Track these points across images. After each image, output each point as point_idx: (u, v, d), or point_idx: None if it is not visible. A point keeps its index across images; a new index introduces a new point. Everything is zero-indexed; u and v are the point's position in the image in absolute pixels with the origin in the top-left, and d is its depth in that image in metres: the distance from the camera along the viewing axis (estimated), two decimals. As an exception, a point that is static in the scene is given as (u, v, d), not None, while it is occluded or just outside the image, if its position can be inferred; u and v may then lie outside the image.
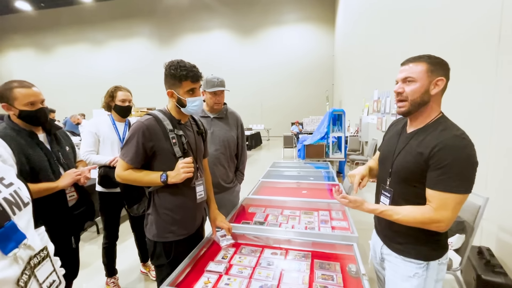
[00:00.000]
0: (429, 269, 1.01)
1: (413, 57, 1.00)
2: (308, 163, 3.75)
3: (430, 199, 0.94)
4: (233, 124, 1.96)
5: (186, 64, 1.20)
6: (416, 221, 0.95)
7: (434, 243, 1.01)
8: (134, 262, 2.43)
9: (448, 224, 0.92)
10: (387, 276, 1.12)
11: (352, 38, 8.16)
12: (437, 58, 0.97)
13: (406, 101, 0.99)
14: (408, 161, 1.00)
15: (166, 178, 1.18)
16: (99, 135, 1.96)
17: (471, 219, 1.64)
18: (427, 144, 0.94)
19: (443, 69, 0.96)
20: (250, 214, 1.80)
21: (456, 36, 2.42)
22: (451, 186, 0.89)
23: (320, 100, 13.16)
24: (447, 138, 0.91)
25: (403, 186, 1.03)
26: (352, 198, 1.08)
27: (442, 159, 0.90)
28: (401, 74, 1.00)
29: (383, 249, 1.15)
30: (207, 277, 1.13)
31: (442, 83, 0.95)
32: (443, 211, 0.90)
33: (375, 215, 1.11)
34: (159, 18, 15.03)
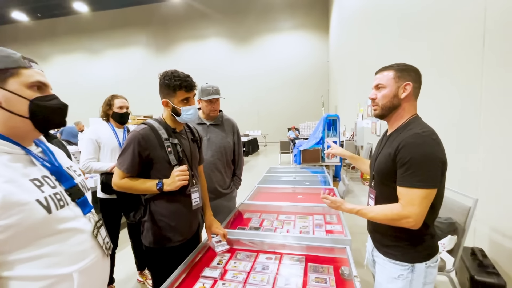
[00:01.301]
0: (415, 271, 1.02)
1: (384, 66, 1.10)
2: (304, 168, 3.78)
3: (399, 196, 0.99)
4: (229, 131, 1.99)
5: (180, 74, 1.23)
6: (387, 218, 1.00)
7: (418, 245, 1.03)
8: (131, 270, 2.42)
9: (416, 220, 0.94)
10: (376, 277, 1.16)
11: (346, 44, 8.31)
12: (405, 65, 1.06)
13: (378, 106, 1.09)
14: (381, 162, 1.06)
15: (161, 186, 1.21)
16: (100, 141, 1.99)
17: (462, 220, 1.68)
18: (394, 144, 1.01)
19: (410, 75, 1.04)
20: (246, 220, 1.81)
21: (444, 39, 2.50)
22: (414, 181, 0.93)
23: (316, 106, 13.29)
24: (408, 136, 0.97)
25: (382, 186, 1.09)
26: (332, 198, 1.16)
27: (403, 156, 0.95)
28: (374, 82, 1.10)
29: (374, 252, 1.19)
30: (202, 282, 1.14)
31: (409, 87, 1.03)
32: (410, 206, 0.94)
33: (370, 220, 1.14)
34: (155, 27, 15.19)
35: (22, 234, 0.61)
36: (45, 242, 0.66)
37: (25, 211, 0.62)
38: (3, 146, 0.66)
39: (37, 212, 0.64)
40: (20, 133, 0.71)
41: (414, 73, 1.05)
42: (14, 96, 0.67)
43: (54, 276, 0.66)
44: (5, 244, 0.60)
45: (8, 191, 0.60)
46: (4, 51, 0.69)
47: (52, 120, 0.75)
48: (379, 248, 1.14)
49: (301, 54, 13.95)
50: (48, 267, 0.66)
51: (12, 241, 0.61)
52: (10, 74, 0.67)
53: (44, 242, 0.65)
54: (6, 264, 0.61)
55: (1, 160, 0.65)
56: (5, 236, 0.59)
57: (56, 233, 0.68)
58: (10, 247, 0.61)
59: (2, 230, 0.59)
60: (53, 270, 0.66)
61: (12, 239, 0.60)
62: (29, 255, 0.63)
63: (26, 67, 0.70)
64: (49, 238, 0.66)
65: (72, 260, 0.70)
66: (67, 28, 16.10)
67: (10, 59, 0.68)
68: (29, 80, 0.70)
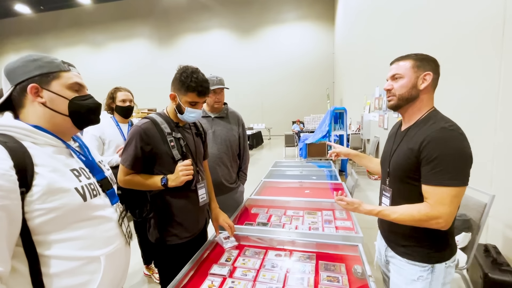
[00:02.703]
0: (435, 272, 0.98)
1: (400, 56, 1.03)
2: (310, 162, 3.73)
3: (426, 195, 0.93)
4: (234, 123, 1.94)
5: (198, 77, 1.18)
6: (414, 219, 0.93)
7: (440, 245, 0.98)
8: (138, 264, 2.42)
9: (447, 220, 0.89)
10: (391, 279, 1.10)
11: (353, 35, 8.12)
12: (424, 54, 0.99)
13: (395, 96, 1.02)
14: (401, 158, 1.00)
15: (166, 181, 1.18)
16: (104, 138, 1.95)
17: (477, 217, 1.62)
18: (417, 139, 0.94)
19: (430, 64, 0.97)
20: (253, 215, 1.78)
21: (459, 30, 2.39)
22: (443, 179, 0.87)
23: (321, 98, 13.13)
24: (434, 131, 0.90)
25: (400, 184, 1.02)
26: (349, 200, 1.08)
27: (431, 152, 0.89)
28: (390, 72, 1.03)
29: (387, 252, 1.13)
30: (211, 280, 1.12)
31: (429, 77, 0.96)
32: (440, 206, 0.88)
33: (394, 221, 1.06)
34: (158, 19, 15.03)
35: (61, 217, 0.69)
36: (79, 226, 0.74)
37: (65, 197, 0.70)
38: (48, 139, 0.75)
39: (75, 199, 0.72)
40: (62, 129, 0.79)
41: (434, 63, 0.98)
42: (57, 96, 0.76)
43: (85, 257, 0.74)
44: (48, 224, 0.68)
45: (53, 179, 0.69)
46: (47, 57, 0.78)
47: (87, 117, 0.83)
48: (394, 248, 1.08)
49: (306, 46, 13.71)
50: (81, 249, 0.73)
51: (53, 223, 0.68)
52: (53, 77, 0.76)
53: (78, 226, 0.73)
54: (47, 244, 0.69)
55: (47, 152, 0.73)
56: (48, 217, 0.67)
57: (89, 219, 0.76)
58: (51, 228, 0.69)
59: (46, 212, 0.67)
60: (85, 252, 0.74)
61: (53, 221, 0.68)
62: (65, 236, 0.71)
63: (65, 71, 0.79)
64: (83, 223, 0.75)
65: (100, 244, 0.78)
66: (70, 21, 16.02)
67: (53, 64, 0.77)
68: (68, 82, 0.79)
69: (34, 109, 0.75)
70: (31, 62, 0.74)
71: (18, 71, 0.74)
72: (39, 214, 0.66)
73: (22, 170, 0.64)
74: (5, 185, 0.60)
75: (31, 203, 0.65)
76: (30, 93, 0.73)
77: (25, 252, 0.66)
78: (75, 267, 0.72)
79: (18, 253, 0.65)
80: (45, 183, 0.67)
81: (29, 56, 0.76)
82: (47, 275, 0.68)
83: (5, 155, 0.63)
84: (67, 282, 0.70)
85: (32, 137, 0.72)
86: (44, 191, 0.66)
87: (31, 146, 0.70)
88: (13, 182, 0.62)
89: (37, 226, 0.66)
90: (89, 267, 0.74)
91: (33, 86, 0.73)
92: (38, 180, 0.66)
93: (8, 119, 0.72)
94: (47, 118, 0.76)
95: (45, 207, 0.66)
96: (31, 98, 0.74)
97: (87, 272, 0.74)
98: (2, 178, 0.60)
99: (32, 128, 0.72)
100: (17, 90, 0.74)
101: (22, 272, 0.65)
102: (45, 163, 0.70)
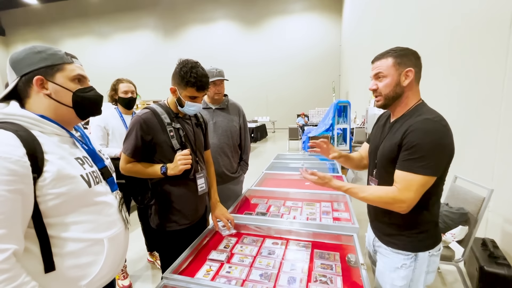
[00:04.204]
0: (418, 260, 1.01)
1: (380, 53, 1.04)
2: (313, 155, 3.74)
3: (396, 180, 0.96)
4: (235, 114, 1.97)
5: (197, 72, 1.20)
6: (380, 201, 0.97)
7: (422, 234, 1.01)
8: (142, 251, 2.50)
9: (409, 206, 0.93)
10: (377, 267, 1.14)
11: (360, 27, 7.96)
12: (403, 49, 0.99)
13: (381, 96, 1.03)
14: (386, 150, 1.02)
15: (165, 170, 1.22)
16: (108, 128, 2.00)
17: (475, 210, 1.63)
18: (401, 130, 0.96)
19: (410, 60, 0.98)
20: (253, 205, 1.82)
21: (467, 21, 2.34)
22: (414, 166, 0.90)
23: (327, 92, 12.98)
24: (418, 121, 0.93)
25: (385, 175, 1.04)
26: (320, 174, 1.12)
27: (411, 140, 0.92)
28: (373, 72, 1.04)
29: (375, 241, 1.16)
30: (209, 265, 1.17)
31: (411, 74, 0.97)
32: (406, 191, 0.91)
33: (361, 200, 1.07)
34: (163, 10, 14.91)
35: (69, 201, 0.74)
36: (85, 211, 0.79)
37: (73, 183, 0.75)
38: (54, 129, 0.79)
39: (81, 185, 0.77)
40: (65, 120, 0.83)
41: (414, 57, 0.99)
42: (61, 88, 0.79)
43: (90, 239, 0.79)
44: (57, 208, 0.73)
45: (61, 166, 0.74)
46: (51, 49, 0.80)
47: (90, 109, 0.87)
48: (380, 237, 1.11)
49: (312, 38, 13.49)
50: (86, 232, 0.78)
51: (62, 207, 0.73)
52: (57, 70, 0.79)
53: (84, 211, 0.78)
54: (57, 226, 0.73)
55: (54, 141, 0.77)
56: (57, 201, 0.72)
57: (93, 204, 0.81)
58: (60, 211, 0.74)
59: (56, 197, 0.72)
60: (90, 235, 0.79)
61: (62, 205, 0.73)
62: (73, 219, 0.76)
63: (69, 63, 0.82)
64: (88, 208, 0.80)
65: (104, 228, 0.83)
66: (76, 11, 16.01)
67: (57, 56, 0.79)
68: (71, 74, 0.81)
69: (39, 100, 0.78)
70: (35, 54, 0.77)
71: (23, 63, 0.76)
72: (50, 198, 0.70)
73: (33, 157, 0.68)
74: (20, 170, 0.65)
75: (43, 188, 0.69)
76: (35, 85, 0.76)
77: (36, 233, 0.70)
78: (82, 248, 0.77)
79: (30, 235, 0.70)
80: (55, 170, 0.71)
81: (33, 47, 0.78)
82: (57, 255, 0.73)
83: (18, 143, 0.67)
84: (74, 262, 0.75)
85: (40, 126, 0.75)
86: (54, 177, 0.70)
87: (39, 134, 0.74)
88: (26, 168, 0.66)
89: (48, 209, 0.71)
90: (94, 249, 0.80)
91: (38, 78, 0.76)
92: (48, 166, 0.71)
93: (16, 108, 0.75)
94: (52, 109, 0.79)
95: (55, 192, 0.71)
96: (36, 89, 0.77)
97: (92, 253, 0.79)
98: (17, 164, 0.64)
99: (39, 118, 0.75)
100: (22, 81, 0.76)
101: (34, 252, 0.70)
102: (53, 151, 0.74)
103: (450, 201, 1.79)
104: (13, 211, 0.64)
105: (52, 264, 0.72)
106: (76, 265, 0.76)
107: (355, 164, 1.35)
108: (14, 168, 0.64)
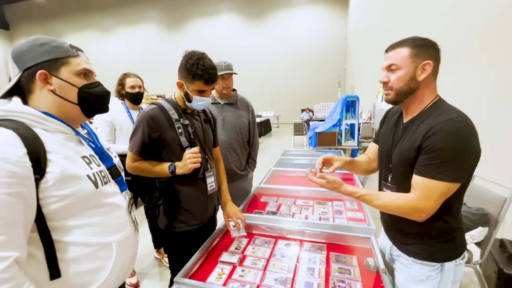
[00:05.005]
0: (444, 270, 0.92)
1: (396, 42, 0.92)
2: (320, 151, 3.67)
3: (414, 186, 0.87)
4: (244, 110, 1.91)
5: (205, 63, 1.13)
6: (398, 210, 0.89)
7: (449, 243, 0.93)
8: (148, 248, 2.48)
9: (428, 215, 0.85)
10: (397, 278, 1.05)
11: (368, 19, 7.77)
12: (422, 39, 0.89)
13: (392, 90, 0.92)
14: (404, 154, 0.92)
15: (174, 168, 1.17)
16: (115, 124, 1.96)
17: (496, 211, 1.56)
18: (421, 131, 0.87)
19: (429, 51, 0.87)
20: (262, 204, 1.77)
21: (484, 11, 2.23)
22: (435, 172, 0.81)
23: (332, 86, 12.81)
24: (440, 122, 0.82)
25: (405, 181, 0.93)
26: (330, 178, 0.99)
27: (433, 144, 0.82)
28: (386, 62, 0.93)
29: (393, 250, 1.08)
30: (221, 268, 1.12)
31: (429, 67, 0.87)
32: (427, 200, 0.83)
33: (376, 208, 0.98)
34: (166, 3, 14.74)
35: (75, 204, 0.70)
36: (92, 213, 0.74)
37: (78, 184, 0.70)
38: (59, 126, 0.74)
39: (88, 186, 0.73)
40: (71, 117, 0.78)
41: (433, 49, 0.88)
42: (66, 84, 0.74)
43: (98, 244, 0.74)
44: (62, 211, 0.68)
45: (65, 166, 0.69)
46: (55, 41, 0.74)
47: (96, 106, 0.81)
48: (400, 247, 1.02)
49: (318, 31, 13.26)
50: (94, 236, 0.74)
51: (67, 209, 0.69)
52: (61, 63, 0.73)
53: (91, 213, 0.74)
54: (62, 230, 0.69)
55: (58, 139, 0.72)
56: (62, 204, 0.67)
57: (100, 206, 0.77)
58: (65, 214, 0.69)
59: (60, 199, 0.67)
60: (98, 239, 0.75)
61: (67, 207, 0.69)
62: (79, 223, 0.71)
63: (74, 56, 0.76)
64: (95, 210, 0.75)
65: (112, 231, 0.79)
66: (79, 5, 15.91)
67: (61, 49, 0.73)
68: (77, 68, 0.75)
69: (43, 96, 0.73)
70: (38, 46, 0.71)
71: (26, 56, 0.71)
72: (54, 200, 0.66)
73: (35, 157, 0.63)
74: (20, 172, 0.60)
75: (45, 190, 0.65)
76: (39, 80, 0.71)
77: (40, 238, 0.66)
78: (89, 253, 0.72)
79: (34, 239, 0.66)
80: (58, 170, 0.67)
81: (36, 39, 0.72)
82: (62, 261, 0.69)
83: (18, 142, 0.62)
84: (81, 268, 0.71)
85: (43, 124, 0.70)
86: (57, 178, 0.66)
87: (42, 133, 0.69)
88: (27, 169, 0.61)
89: (51, 213, 0.67)
90: (102, 253, 0.75)
91: (41, 73, 0.70)
92: (51, 167, 0.66)
93: (17, 105, 0.70)
94: (56, 105, 0.74)
95: (59, 194, 0.67)
96: (40, 84, 0.71)
97: (100, 258, 0.75)
98: (17, 165, 0.60)
99: (42, 115, 0.70)
100: (25, 75, 0.71)
101: (38, 258, 0.66)
102: (57, 150, 0.69)
103: (469, 201, 1.72)
104: (13, 216, 0.59)
105: (57, 270, 0.67)
106: (83, 271, 0.71)
107: (362, 168, 1.24)
108: (13, 170, 0.59)
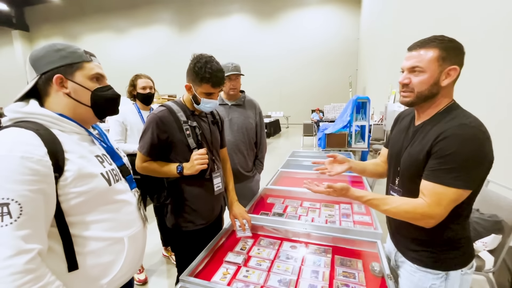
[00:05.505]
0: (449, 279, 0.89)
1: (422, 40, 0.85)
2: (329, 152, 3.64)
3: (423, 191, 0.84)
4: (251, 111, 1.92)
5: (212, 67, 1.15)
6: (407, 216, 0.87)
7: (455, 250, 0.90)
8: (157, 246, 2.53)
9: (437, 221, 0.83)
10: (401, 285, 1.03)
11: (381, 19, 7.63)
12: (451, 40, 0.83)
13: (412, 92, 0.88)
14: (414, 157, 0.89)
15: (181, 169, 1.20)
16: (126, 124, 2.02)
17: (510, 218, 1.51)
18: (432, 135, 0.84)
19: (457, 56, 0.83)
20: (269, 205, 1.78)
21: (503, 7, 2.15)
22: (446, 178, 0.79)
23: (343, 87, 12.66)
24: (453, 126, 0.80)
25: (411, 185, 0.91)
26: (338, 186, 0.97)
27: (444, 148, 0.79)
28: (408, 62, 0.88)
29: (397, 256, 1.06)
30: (226, 267, 1.13)
31: (455, 73, 0.82)
32: (437, 207, 0.81)
33: (383, 213, 0.97)
34: (178, 4, 14.97)
35: (90, 200, 0.74)
36: (105, 209, 0.78)
37: (93, 182, 0.75)
38: (73, 127, 0.78)
39: (102, 184, 0.77)
40: (83, 118, 0.82)
41: (460, 52, 0.83)
42: (80, 87, 0.79)
43: (111, 238, 0.79)
44: (79, 207, 0.72)
45: (82, 164, 0.73)
46: (71, 47, 0.78)
47: (108, 108, 0.86)
48: (404, 253, 1.01)
49: (329, 31, 13.13)
50: (107, 230, 0.78)
51: (83, 205, 0.73)
52: (76, 68, 0.78)
53: (105, 209, 0.78)
54: (79, 225, 0.73)
55: (73, 139, 0.77)
56: (79, 200, 0.72)
57: (113, 202, 0.81)
58: (82, 210, 0.73)
59: (77, 196, 0.71)
60: (111, 233, 0.79)
61: (84, 204, 0.73)
62: (94, 218, 0.76)
63: (88, 61, 0.80)
64: (108, 206, 0.79)
65: (124, 226, 0.83)
66: (95, 7, 16.37)
67: (76, 54, 0.78)
68: (90, 72, 0.80)
69: (58, 99, 0.77)
70: (55, 52, 0.76)
71: (43, 61, 0.75)
72: (72, 197, 0.71)
73: (54, 156, 0.68)
74: (42, 170, 0.64)
75: (64, 187, 0.69)
76: (55, 84, 0.75)
77: (59, 232, 0.70)
78: (104, 247, 0.77)
79: (53, 234, 0.70)
80: (75, 169, 0.71)
81: (53, 45, 0.77)
82: (79, 254, 0.73)
83: (39, 142, 0.66)
84: (96, 261, 0.76)
85: (59, 125, 0.75)
86: (75, 176, 0.71)
87: (59, 133, 0.73)
88: (48, 167, 0.66)
89: (69, 208, 0.71)
90: (114, 247, 0.80)
91: (58, 77, 0.75)
92: (69, 165, 0.71)
93: (35, 107, 0.74)
94: (70, 107, 0.79)
95: (76, 191, 0.71)
96: (56, 88, 0.76)
97: (113, 252, 0.79)
98: (39, 163, 0.64)
99: (59, 117, 0.75)
100: (42, 79, 0.76)
101: (57, 251, 0.70)
102: (73, 150, 0.74)
103: (482, 207, 1.67)
104: (36, 211, 0.63)
105: (75, 263, 0.72)
106: (98, 263, 0.76)
107: (370, 172, 1.23)
108: (36, 168, 0.63)
